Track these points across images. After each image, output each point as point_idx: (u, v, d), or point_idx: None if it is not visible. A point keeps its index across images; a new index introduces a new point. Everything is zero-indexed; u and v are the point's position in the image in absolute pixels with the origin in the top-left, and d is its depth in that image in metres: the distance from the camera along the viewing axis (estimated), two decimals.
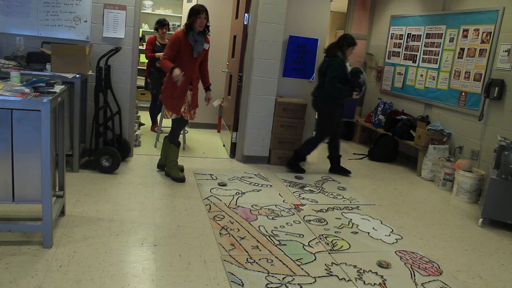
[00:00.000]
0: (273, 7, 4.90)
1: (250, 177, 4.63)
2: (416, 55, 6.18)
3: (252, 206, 3.81)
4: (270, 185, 4.44)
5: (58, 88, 2.86)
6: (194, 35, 3.96)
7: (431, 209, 4.32)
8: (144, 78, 7.84)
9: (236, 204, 3.81)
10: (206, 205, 3.72)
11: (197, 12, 3.92)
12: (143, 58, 7.86)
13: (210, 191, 4.08)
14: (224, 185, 4.28)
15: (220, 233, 3.19)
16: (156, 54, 5.71)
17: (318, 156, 5.95)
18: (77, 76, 3.97)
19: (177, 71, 3.84)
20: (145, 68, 7.84)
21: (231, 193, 4.09)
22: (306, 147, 4.93)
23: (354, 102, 6.61)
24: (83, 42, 4.42)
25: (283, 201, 4.05)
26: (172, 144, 4.26)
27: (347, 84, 4.69)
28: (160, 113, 5.52)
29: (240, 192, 4.14)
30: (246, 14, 5.07)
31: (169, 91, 4.05)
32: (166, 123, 6.03)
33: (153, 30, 7.90)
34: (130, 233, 3.04)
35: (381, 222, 3.79)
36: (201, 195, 3.94)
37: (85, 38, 4.44)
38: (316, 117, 5.20)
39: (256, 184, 4.42)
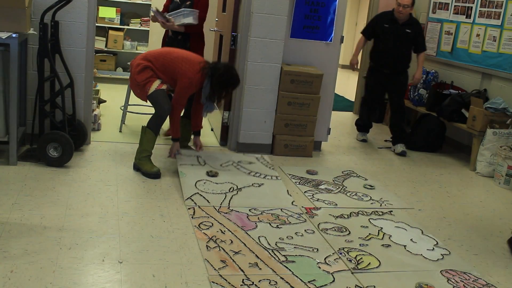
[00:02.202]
0: None
1: (250, 162, 4.62)
2: (471, 7, 6.13)
3: (250, 210, 3.82)
4: (276, 177, 4.44)
5: None
6: (207, 93, 4.39)
7: (489, 215, 4.33)
8: (104, 39, 7.83)
9: (228, 207, 3.82)
10: (189, 208, 3.73)
11: (232, 87, 4.49)
12: (103, 12, 7.78)
13: (195, 185, 4.08)
14: (214, 175, 4.31)
15: (207, 246, 3.19)
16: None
17: (337, 144, 5.93)
18: (14, 35, 3.95)
19: (177, 146, 4.55)
20: (114, 27, 7.85)
21: (223, 188, 4.10)
22: None
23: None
24: None
25: (292, 203, 4.05)
26: (149, 130, 4.29)
27: None
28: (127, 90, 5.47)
29: (234, 187, 4.15)
30: None
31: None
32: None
33: None
34: (86, 246, 3.04)
35: (422, 232, 3.80)
36: (182, 193, 3.95)
37: None
38: None
39: (257, 175, 4.45)
